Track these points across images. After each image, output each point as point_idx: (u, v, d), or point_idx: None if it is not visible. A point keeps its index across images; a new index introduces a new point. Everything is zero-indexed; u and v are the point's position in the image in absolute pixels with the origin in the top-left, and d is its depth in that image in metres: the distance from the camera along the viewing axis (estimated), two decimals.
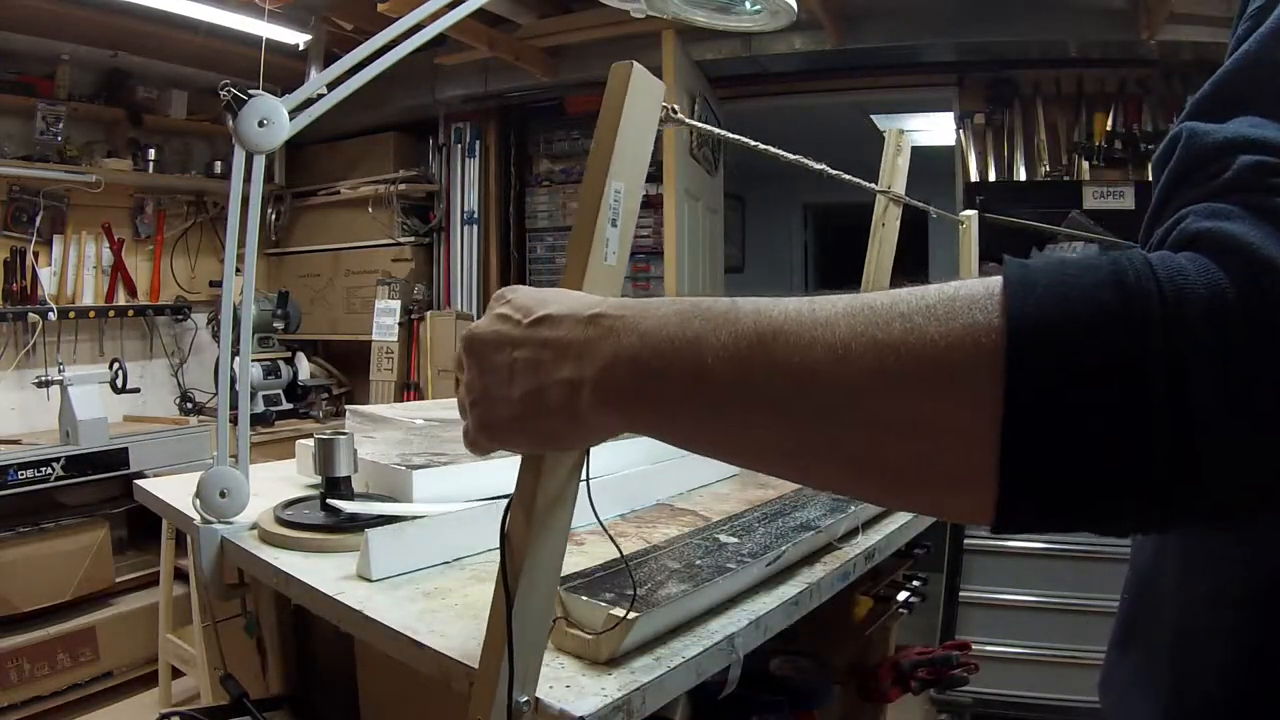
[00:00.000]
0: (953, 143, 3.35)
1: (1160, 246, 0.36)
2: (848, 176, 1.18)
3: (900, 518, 1.18)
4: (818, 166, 1.07)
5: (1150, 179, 3.14)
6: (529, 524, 0.54)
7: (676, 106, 0.63)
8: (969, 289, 0.35)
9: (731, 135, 0.91)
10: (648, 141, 0.57)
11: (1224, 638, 0.46)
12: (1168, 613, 0.50)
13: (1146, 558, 0.54)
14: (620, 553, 0.67)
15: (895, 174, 1.38)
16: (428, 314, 3.82)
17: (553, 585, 0.59)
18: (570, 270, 0.55)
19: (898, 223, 1.41)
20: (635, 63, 0.55)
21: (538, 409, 0.47)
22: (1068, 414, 0.32)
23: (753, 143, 0.93)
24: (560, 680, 0.65)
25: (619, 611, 0.67)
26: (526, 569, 0.55)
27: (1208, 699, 0.46)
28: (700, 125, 0.82)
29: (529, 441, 0.51)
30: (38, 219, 3.31)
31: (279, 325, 3.77)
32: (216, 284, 3.91)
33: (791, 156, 0.98)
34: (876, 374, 0.36)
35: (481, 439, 0.51)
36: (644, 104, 0.56)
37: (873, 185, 1.34)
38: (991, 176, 3.18)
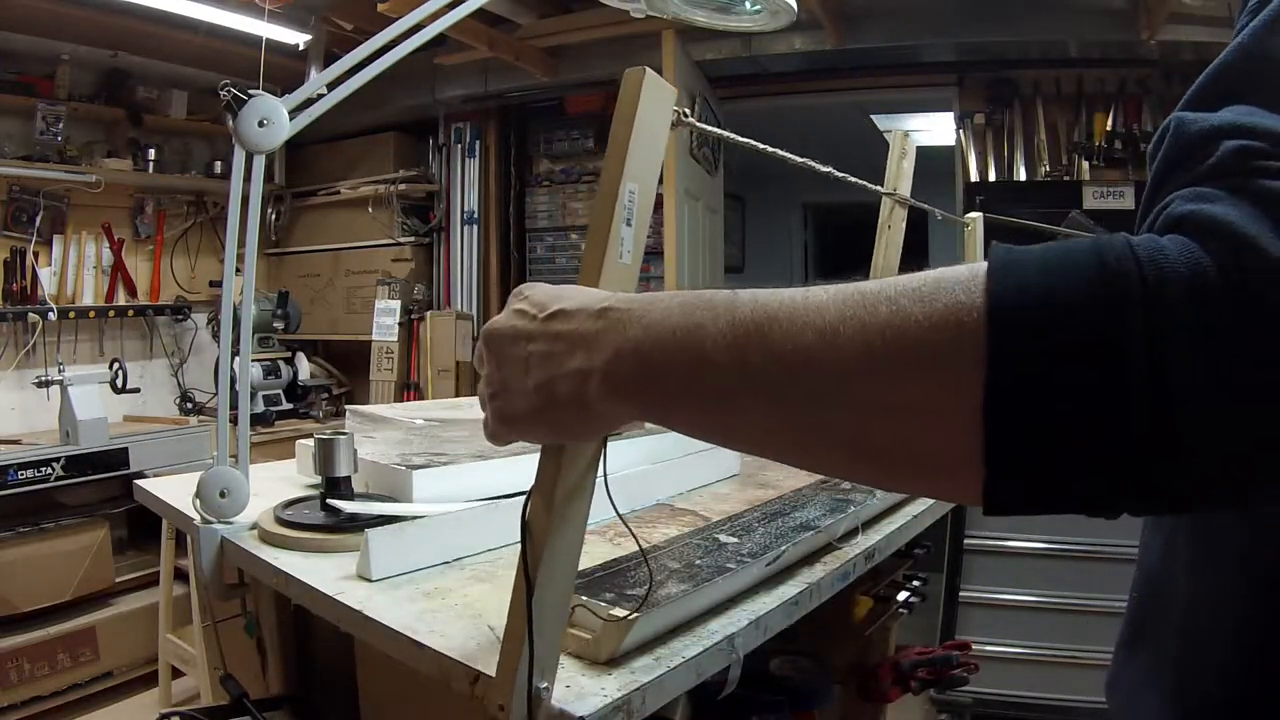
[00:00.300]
0: (953, 143, 3.35)
1: (1149, 232, 0.36)
2: (854, 179, 1.17)
3: (900, 517, 1.18)
4: (824, 169, 1.06)
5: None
6: (549, 514, 0.55)
7: (687, 110, 0.64)
8: (954, 272, 0.36)
9: (741, 139, 0.90)
10: (660, 144, 0.59)
11: (1225, 639, 0.46)
12: (1175, 614, 0.50)
13: (1155, 558, 0.54)
14: (639, 545, 0.68)
15: (900, 177, 1.38)
16: (428, 314, 3.82)
17: (571, 573, 0.59)
18: (587, 268, 0.57)
19: (903, 225, 1.40)
20: (648, 69, 0.57)
21: (550, 400, 0.48)
22: (1048, 395, 0.32)
23: (760, 145, 0.92)
24: (560, 680, 0.65)
25: (619, 611, 0.67)
26: (546, 557, 0.56)
27: (1208, 699, 0.46)
28: (710, 129, 0.82)
29: (544, 432, 0.52)
30: (38, 219, 3.31)
31: (279, 325, 3.77)
32: (216, 284, 3.92)
33: (798, 160, 0.98)
34: (864, 357, 0.36)
35: (501, 430, 0.53)
36: (656, 108, 0.58)
37: (878, 187, 1.33)
38: (991, 176, 3.18)
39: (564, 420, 0.49)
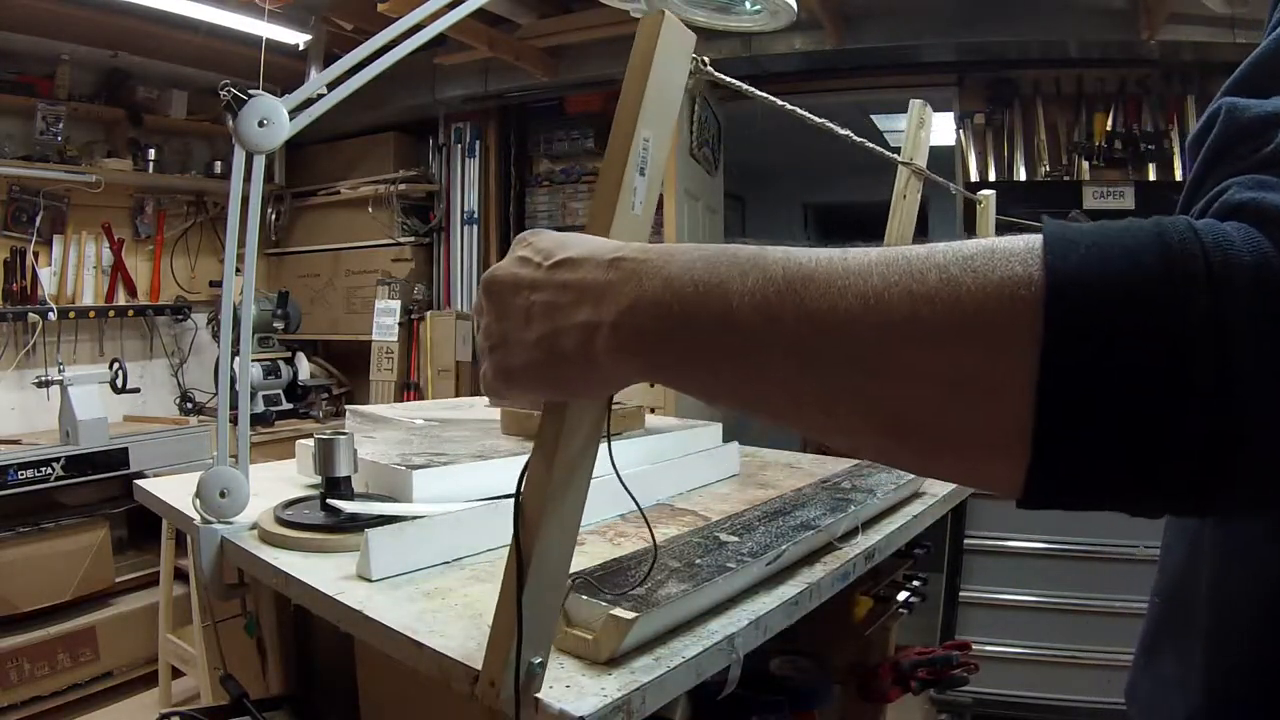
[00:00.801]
0: (953, 143, 3.35)
1: (1200, 218, 0.35)
2: (871, 145, 1.17)
3: (900, 518, 1.18)
4: (843, 132, 1.07)
5: (1152, 178, 3.12)
6: (549, 479, 0.53)
7: (706, 59, 0.62)
8: (1008, 242, 0.34)
9: (758, 93, 0.89)
10: (677, 92, 0.56)
11: (1245, 635, 0.45)
12: (1199, 616, 0.49)
13: (1178, 559, 0.53)
14: (652, 538, 0.67)
15: (918, 147, 1.36)
16: (428, 314, 3.82)
17: (569, 550, 0.58)
18: (595, 218, 0.54)
19: (919, 195, 1.39)
20: (667, 12, 0.55)
21: (553, 354, 0.46)
22: (1105, 375, 0.31)
23: (779, 101, 0.92)
24: (560, 680, 0.65)
25: (619, 611, 0.67)
26: (543, 528, 0.54)
27: (1232, 700, 0.46)
28: (728, 80, 0.80)
29: (544, 388, 0.49)
30: (38, 219, 3.32)
31: (279, 325, 3.77)
32: (216, 284, 3.92)
33: (817, 120, 0.98)
34: (909, 324, 0.34)
35: (498, 385, 0.50)
36: (674, 54, 0.55)
37: (895, 156, 1.33)
38: (991, 176, 3.18)
39: (566, 376, 0.46)
